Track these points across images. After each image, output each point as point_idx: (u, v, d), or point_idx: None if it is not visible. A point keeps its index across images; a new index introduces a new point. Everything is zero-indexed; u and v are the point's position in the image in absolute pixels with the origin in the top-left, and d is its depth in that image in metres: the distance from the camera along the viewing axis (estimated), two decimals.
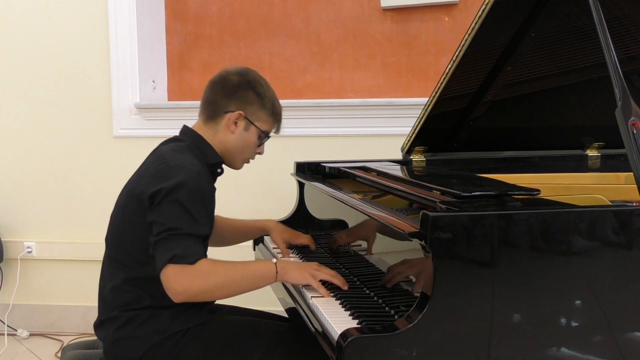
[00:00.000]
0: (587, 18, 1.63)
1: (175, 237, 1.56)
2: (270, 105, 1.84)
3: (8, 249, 3.39)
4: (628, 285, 1.36)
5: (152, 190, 1.61)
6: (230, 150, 1.83)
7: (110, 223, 1.79)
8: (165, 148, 1.78)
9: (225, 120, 1.80)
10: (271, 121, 1.85)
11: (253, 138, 1.83)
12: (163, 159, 1.70)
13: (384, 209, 1.63)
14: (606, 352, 1.35)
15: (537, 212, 1.33)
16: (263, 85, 1.84)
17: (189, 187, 1.61)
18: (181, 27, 3.47)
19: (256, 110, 1.81)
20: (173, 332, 1.66)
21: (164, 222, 1.57)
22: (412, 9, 3.24)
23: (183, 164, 1.66)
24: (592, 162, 2.49)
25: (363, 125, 3.16)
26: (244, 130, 1.81)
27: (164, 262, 1.54)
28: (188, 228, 1.57)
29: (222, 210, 3.40)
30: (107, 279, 1.76)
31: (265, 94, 1.83)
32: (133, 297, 1.69)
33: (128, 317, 1.68)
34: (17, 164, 3.40)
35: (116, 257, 1.73)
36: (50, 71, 3.33)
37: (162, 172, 1.64)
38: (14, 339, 3.36)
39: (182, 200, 1.59)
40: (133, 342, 1.66)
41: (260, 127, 1.83)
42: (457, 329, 1.29)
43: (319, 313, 1.51)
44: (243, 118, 1.80)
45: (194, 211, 1.60)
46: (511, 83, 2.17)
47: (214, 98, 1.82)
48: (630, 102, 1.46)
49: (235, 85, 1.81)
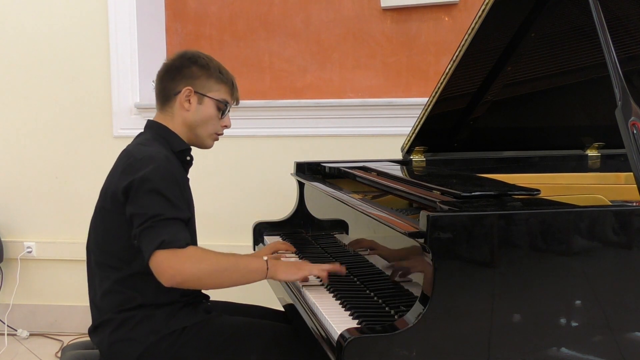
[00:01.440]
0: (587, 18, 1.63)
1: (159, 223, 1.55)
2: (217, 73, 1.84)
3: (8, 249, 3.39)
4: (628, 285, 1.36)
5: (124, 184, 1.62)
6: (193, 128, 1.83)
7: (90, 228, 1.79)
8: (131, 144, 1.81)
9: (178, 102, 1.81)
10: (224, 89, 1.86)
11: (211, 110, 1.83)
12: (130, 154, 1.72)
13: (384, 209, 1.63)
14: (606, 352, 1.35)
15: (537, 212, 1.33)
16: (204, 58, 1.85)
17: (160, 174, 1.62)
18: (181, 27, 3.47)
19: (204, 82, 1.82)
20: (169, 332, 1.65)
21: (145, 211, 1.57)
22: (412, 9, 3.24)
23: (150, 153, 1.68)
24: (592, 162, 2.49)
25: (363, 125, 3.16)
26: (198, 104, 1.81)
27: (152, 249, 1.53)
28: (169, 213, 1.58)
29: (222, 210, 3.42)
30: (97, 286, 1.75)
31: (209, 64, 1.84)
32: (125, 297, 1.68)
33: (122, 319, 1.67)
34: (17, 164, 3.40)
35: (103, 261, 1.73)
36: (50, 71, 3.33)
37: (131, 166, 1.66)
38: (14, 339, 3.36)
39: (156, 187, 1.59)
40: (129, 344, 1.66)
41: (214, 97, 1.83)
42: (457, 329, 1.29)
43: (318, 313, 1.51)
44: (194, 93, 1.80)
45: (171, 196, 1.60)
46: (511, 83, 2.17)
47: (162, 85, 1.84)
48: (630, 102, 1.46)
49: (178, 66, 1.83)
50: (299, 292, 1.69)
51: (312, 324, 1.50)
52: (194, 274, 1.56)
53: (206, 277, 1.58)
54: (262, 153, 3.26)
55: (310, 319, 1.52)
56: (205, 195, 3.19)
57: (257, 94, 3.36)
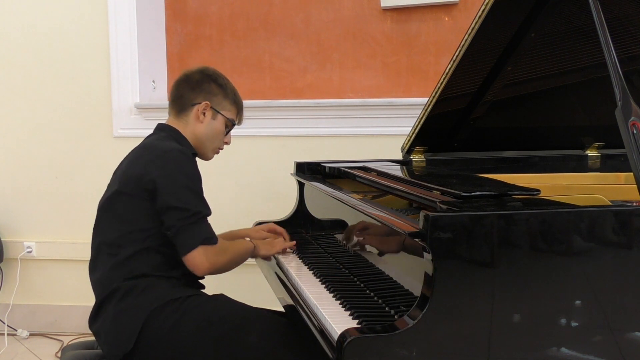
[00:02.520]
0: (587, 18, 1.63)
1: (200, 220, 1.77)
2: (232, 95, 2.02)
3: (8, 249, 3.39)
4: (628, 285, 1.36)
5: (155, 174, 1.76)
6: (201, 140, 1.99)
7: (98, 212, 1.89)
8: (149, 139, 1.95)
9: (194, 112, 1.97)
10: (234, 111, 2.04)
11: (221, 126, 2.01)
12: (154, 147, 1.86)
13: (384, 209, 1.63)
14: (606, 352, 1.35)
15: (537, 212, 1.33)
16: (223, 78, 2.03)
17: (192, 171, 1.83)
18: (181, 27, 3.47)
19: (221, 100, 2.00)
20: (172, 299, 1.75)
21: (187, 207, 1.76)
22: (412, 9, 3.24)
23: (177, 148, 1.85)
24: (592, 162, 2.49)
25: (363, 125, 3.16)
26: (211, 119, 1.99)
27: (194, 245, 1.74)
28: (205, 211, 1.80)
29: (223, 210, 3.42)
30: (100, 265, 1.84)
31: (227, 85, 2.02)
32: (132, 268, 1.79)
33: (128, 287, 1.76)
34: (17, 164, 3.40)
35: (112, 241, 1.82)
36: (50, 71, 3.33)
37: (160, 158, 1.81)
38: (14, 339, 3.36)
39: (193, 184, 1.80)
40: (133, 312, 1.73)
41: (226, 115, 2.01)
42: (457, 329, 1.29)
43: (318, 313, 1.51)
44: (210, 108, 1.98)
45: (201, 192, 1.83)
46: (511, 83, 2.17)
47: (180, 93, 2.00)
48: (630, 102, 1.46)
49: (199, 80, 1.99)
50: (299, 292, 1.69)
51: (312, 324, 1.50)
52: (223, 264, 1.83)
53: (228, 264, 1.86)
54: (262, 153, 3.26)
55: (310, 319, 1.52)
56: (205, 195, 3.18)
57: (257, 94, 3.36)
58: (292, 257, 2.07)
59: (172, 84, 2.05)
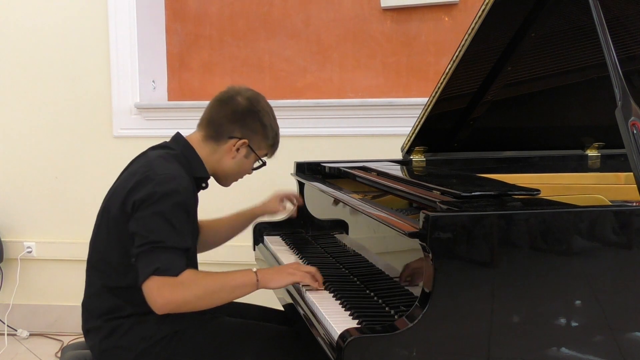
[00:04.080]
0: (587, 18, 1.63)
1: (158, 250, 1.55)
2: (273, 136, 1.86)
3: (8, 249, 3.39)
4: (628, 285, 1.36)
5: (137, 197, 1.60)
6: (226, 172, 1.85)
7: (95, 227, 1.77)
8: (153, 154, 1.76)
9: (229, 145, 1.80)
10: (270, 151, 1.90)
11: (250, 164, 1.87)
12: (150, 166, 1.68)
13: (384, 209, 1.63)
14: (606, 352, 1.35)
15: (537, 212, 1.33)
16: (270, 115, 1.85)
17: (175, 199, 1.60)
18: (181, 27, 3.47)
19: (259, 140, 1.83)
20: (160, 337, 1.64)
21: (147, 234, 1.56)
22: (412, 9, 3.24)
23: (172, 174, 1.65)
24: (592, 162, 2.49)
25: (363, 125, 3.16)
26: (244, 157, 1.83)
27: (147, 275, 1.53)
28: (171, 242, 1.57)
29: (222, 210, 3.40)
30: (87, 286, 1.76)
31: (271, 124, 1.84)
32: (113, 305, 1.67)
33: (111, 327, 1.66)
34: (17, 164, 3.40)
35: (95, 263, 1.73)
36: (51, 71, 3.33)
37: (148, 180, 1.62)
38: (14, 339, 3.36)
39: (166, 212, 1.58)
40: (120, 352, 1.65)
41: (259, 155, 1.86)
42: (457, 329, 1.29)
43: (318, 313, 1.51)
44: (246, 146, 1.81)
45: (177, 224, 1.59)
46: (511, 83, 2.17)
47: (219, 120, 1.81)
48: (630, 102, 1.46)
49: (244, 112, 1.80)
50: (299, 292, 1.69)
51: (312, 323, 1.50)
52: (184, 301, 1.56)
53: (195, 302, 1.58)
54: None
55: (310, 319, 1.52)
56: (206, 195, 3.17)
57: None
58: (292, 257, 2.07)
59: (213, 100, 1.85)
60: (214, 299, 1.61)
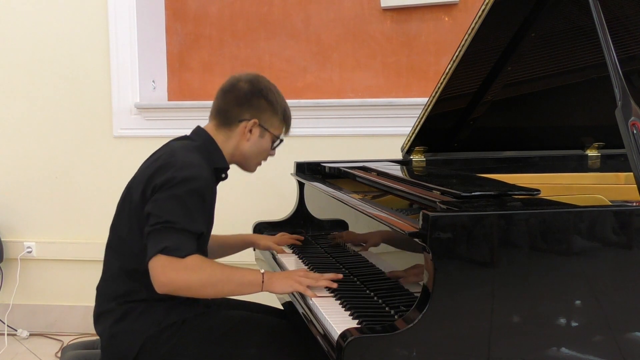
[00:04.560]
0: (587, 18, 1.63)
1: (170, 230, 1.58)
2: (282, 111, 1.89)
3: (8, 249, 3.39)
4: (628, 285, 1.36)
5: (157, 182, 1.65)
6: (246, 156, 1.88)
7: (116, 210, 1.81)
8: (176, 144, 1.82)
9: (241, 128, 1.83)
10: (283, 127, 1.92)
11: (267, 143, 1.89)
12: (173, 154, 1.73)
13: (384, 209, 1.63)
14: (606, 352, 1.35)
15: (537, 212, 1.33)
16: (274, 92, 1.88)
17: (192, 185, 1.64)
18: (181, 27, 3.47)
19: (269, 117, 1.86)
20: (169, 324, 1.68)
21: (161, 214, 1.59)
22: (412, 9, 3.24)
23: (192, 162, 1.70)
24: (592, 162, 2.49)
25: (363, 125, 3.16)
26: (259, 137, 1.86)
27: (154, 252, 1.56)
28: (183, 223, 1.59)
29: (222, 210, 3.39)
30: (104, 270, 1.79)
31: (277, 100, 1.88)
32: (129, 289, 1.71)
33: (124, 311, 1.70)
34: (17, 163, 3.40)
35: (115, 246, 1.76)
36: (51, 71, 3.33)
37: (169, 165, 1.67)
38: (14, 339, 3.36)
39: (182, 195, 1.61)
40: (130, 336, 1.68)
41: (274, 133, 1.88)
42: (457, 329, 1.29)
43: (318, 313, 1.51)
44: (258, 125, 1.84)
45: (192, 208, 1.62)
46: (511, 83, 2.17)
47: (226, 106, 1.85)
48: (630, 102, 1.46)
49: (248, 94, 1.84)
50: (299, 292, 1.69)
51: (312, 323, 1.50)
52: (186, 284, 1.58)
53: (198, 287, 1.59)
54: None
55: (310, 319, 1.52)
56: None
57: None
58: (292, 257, 2.07)
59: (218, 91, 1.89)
60: (216, 290, 1.63)
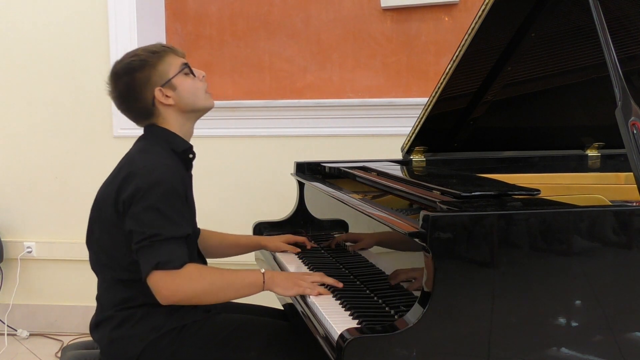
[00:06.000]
0: (587, 18, 1.63)
1: (156, 243, 1.57)
2: (155, 58, 1.77)
3: (8, 249, 3.39)
4: (628, 285, 1.36)
5: (125, 195, 1.61)
6: (190, 105, 1.79)
7: (89, 228, 1.78)
8: (133, 149, 1.79)
9: (160, 105, 1.77)
10: (170, 59, 1.79)
11: (185, 82, 1.79)
12: (132, 162, 1.70)
13: (384, 209, 1.63)
14: (606, 352, 1.35)
15: (537, 212, 1.33)
16: (132, 59, 1.78)
17: (162, 189, 1.60)
18: (181, 27, 3.47)
19: (157, 74, 1.76)
20: (169, 329, 1.67)
21: (143, 230, 1.57)
22: (412, 9, 3.24)
23: (153, 164, 1.66)
24: (592, 162, 2.49)
25: (363, 125, 3.16)
26: (173, 91, 1.77)
27: (149, 270, 1.56)
28: (168, 232, 1.58)
29: (223, 210, 3.41)
30: (99, 282, 1.77)
31: (140, 58, 1.77)
32: (127, 296, 1.69)
33: (123, 317, 1.68)
34: (17, 164, 3.40)
35: (105, 262, 1.73)
36: (51, 71, 3.33)
37: (132, 175, 1.63)
38: (14, 339, 3.36)
39: (156, 204, 1.59)
40: (130, 341, 1.67)
41: (174, 73, 1.77)
42: (457, 329, 1.29)
43: (318, 313, 1.51)
44: (161, 89, 1.76)
45: (170, 213, 1.60)
46: (511, 83, 2.17)
47: (133, 110, 1.81)
48: (630, 102, 1.46)
49: (127, 87, 1.78)
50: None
51: (312, 323, 1.50)
52: (190, 294, 1.59)
53: (202, 295, 1.62)
54: (262, 153, 3.26)
55: (310, 319, 1.52)
56: (206, 195, 3.18)
57: (257, 94, 3.36)
58: (292, 256, 2.07)
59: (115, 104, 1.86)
60: (218, 296, 1.65)
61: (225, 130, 3.26)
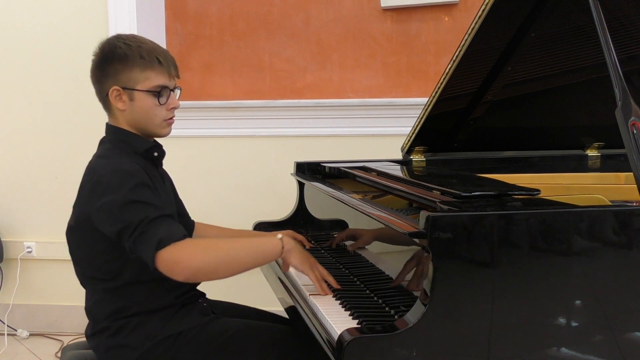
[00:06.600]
0: (587, 18, 1.63)
1: (148, 226, 1.50)
2: (138, 60, 1.62)
3: (8, 249, 3.39)
4: (628, 285, 1.36)
5: (97, 205, 1.57)
6: (139, 125, 1.68)
7: (69, 242, 1.74)
8: (94, 157, 1.73)
9: (112, 103, 1.67)
10: (154, 74, 1.64)
11: (146, 101, 1.65)
12: (94, 171, 1.65)
13: (384, 209, 1.63)
14: (606, 352, 1.35)
15: (537, 212, 1.33)
16: (121, 47, 1.64)
17: (129, 184, 1.55)
18: (181, 27, 3.47)
19: (128, 76, 1.63)
20: (164, 337, 1.64)
21: (129, 222, 1.51)
22: (412, 9, 3.24)
23: (113, 167, 1.60)
24: (592, 162, 2.49)
25: (363, 125, 3.16)
26: (130, 101, 1.65)
27: (153, 253, 1.48)
28: (153, 213, 1.52)
29: (223, 210, 3.41)
30: (89, 294, 1.75)
31: (127, 53, 1.63)
32: (119, 306, 1.67)
33: (118, 326, 1.66)
34: (17, 164, 3.40)
35: (90, 274, 1.71)
36: (50, 71, 3.33)
37: (97, 185, 1.59)
38: (14, 339, 3.36)
39: (129, 198, 1.53)
40: (125, 351, 1.65)
41: (143, 89, 1.63)
42: (457, 329, 1.29)
43: (318, 313, 1.51)
44: (123, 90, 1.64)
45: (147, 199, 1.54)
46: (511, 83, 2.17)
47: (94, 87, 1.71)
48: (630, 102, 1.46)
49: (99, 64, 1.66)
50: (299, 292, 1.69)
51: (312, 324, 1.50)
52: (206, 263, 1.51)
53: (218, 266, 1.53)
54: (262, 153, 3.26)
55: (310, 319, 1.52)
56: (206, 195, 3.19)
57: (257, 94, 3.36)
58: None
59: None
60: (237, 265, 1.55)
61: (225, 130, 3.26)
